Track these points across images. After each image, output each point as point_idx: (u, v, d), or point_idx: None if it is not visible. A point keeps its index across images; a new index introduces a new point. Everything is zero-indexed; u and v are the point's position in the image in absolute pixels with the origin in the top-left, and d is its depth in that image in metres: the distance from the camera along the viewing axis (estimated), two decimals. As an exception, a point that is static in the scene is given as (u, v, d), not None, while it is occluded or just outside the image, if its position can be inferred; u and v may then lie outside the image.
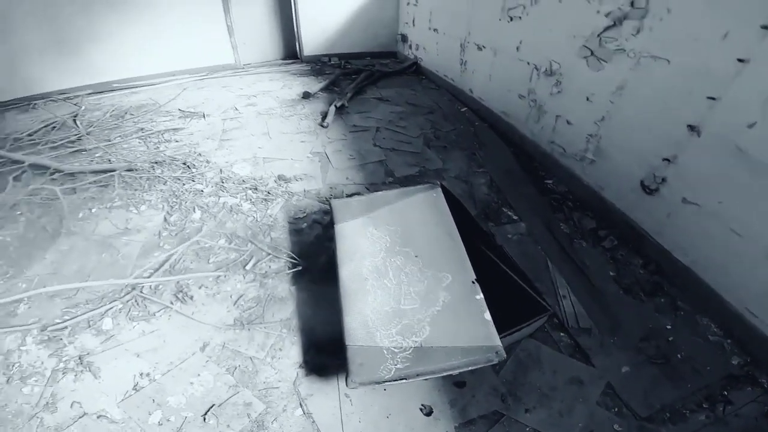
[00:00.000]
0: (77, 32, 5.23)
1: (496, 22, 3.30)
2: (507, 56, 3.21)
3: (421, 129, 3.32)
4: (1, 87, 5.29)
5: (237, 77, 5.43)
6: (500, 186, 2.57)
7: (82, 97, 5.27)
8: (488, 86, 3.58)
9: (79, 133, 3.67)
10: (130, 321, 1.72)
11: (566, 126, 2.58)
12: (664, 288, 1.87)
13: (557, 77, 2.62)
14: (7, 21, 4.95)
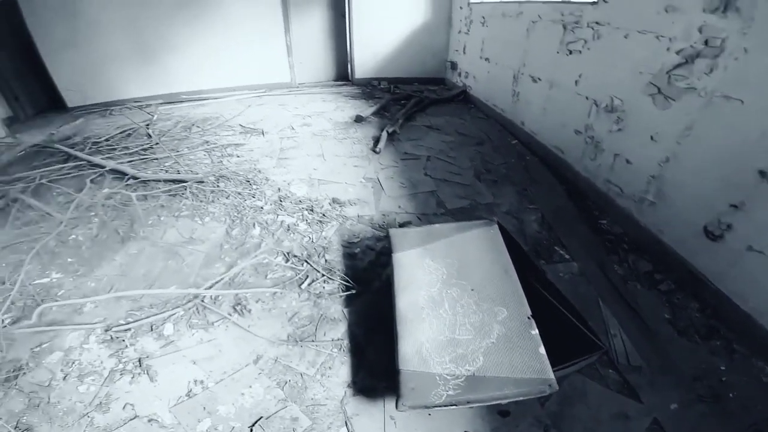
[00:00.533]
0: (155, 42, 5.82)
1: (553, 54, 3.32)
2: (564, 90, 3.22)
3: (471, 161, 3.38)
4: (85, 91, 5.92)
5: (292, 96, 5.76)
6: (552, 224, 2.57)
7: (154, 106, 5.78)
8: (542, 120, 3.59)
9: (152, 142, 3.99)
10: (190, 328, 1.84)
11: (625, 165, 2.55)
12: (721, 331, 1.83)
13: (619, 114, 2.60)
14: (97, 27, 5.62)
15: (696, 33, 1.99)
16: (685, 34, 2.06)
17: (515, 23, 4.04)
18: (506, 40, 4.24)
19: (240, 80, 6.18)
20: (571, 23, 3.10)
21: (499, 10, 4.46)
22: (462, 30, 5.64)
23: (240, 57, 6.00)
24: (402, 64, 6.30)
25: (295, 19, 5.96)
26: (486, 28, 4.81)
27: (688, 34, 2.04)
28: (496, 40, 4.54)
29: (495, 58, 4.57)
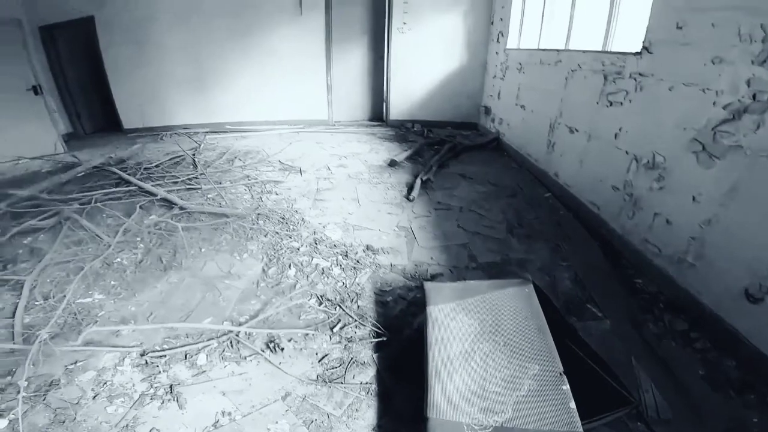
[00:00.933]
0: (207, 70, 6.39)
1: (593, 105, 3.31)
2: (603, 143, 3.19)
3: (503, 213, 3.44)
4: (143, 114, 6.61)
5: (329, 134, 6.07)
6: (585, 282, 2.58)
7: (201, 134, 6.25)
8: (577, 173, 3.57)
9: (197, 173, 4.29)
10: (223, 360, 1.92)
11: (665, 225, 2.51)
12: (756, 386, 1.80)
13: (660, 171, 2.55)
14: (159, 51, 6.26)
15: (744, 86, 1.97)
16: (732, 88, 2.04)
17: (553, 71, 4.08)
18: (543, 88, 4.29)
19: (281, 114, 6.62)
20: (612, 73, 3.09)
21: (536, 57, 4.53)
22: (497, 75, 5.81)
23: (283, 92, 6.47)
24: (436, 107, 6.54)
25: (337, 57, 6.41)
26: (522, 75, 4.92)
27: (736, 87, 2.02)
28: (533, 88, 4.62)
29: (531, 106, 4.65)
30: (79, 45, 6.67)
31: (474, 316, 1.77)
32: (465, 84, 6.45)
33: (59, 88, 6.62)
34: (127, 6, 5.97)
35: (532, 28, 5.18)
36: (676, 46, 2.46)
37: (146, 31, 6.09)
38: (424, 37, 6.20)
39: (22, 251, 2.92)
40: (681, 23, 2.43)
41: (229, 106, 6.58)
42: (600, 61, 3.28)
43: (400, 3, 6.00)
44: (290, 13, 6.02)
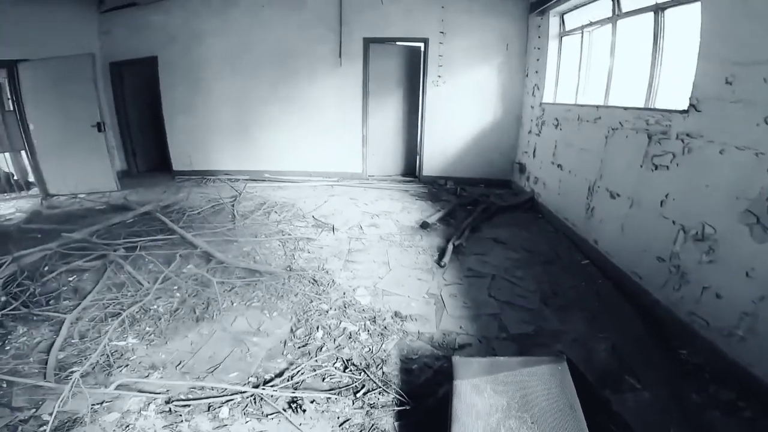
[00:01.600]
0: (251, 117, 6.89)
1: (636, 168, 3.19)
2: (647, 210, 3.06)
3: (538, 282, 3.41)
4: (191, 158, 7.20)
5: (362, 189, 6.31)
6: (623, 353, 2.51)
7: (241, 181, 6.77)
8: (618, 241, 3.45)
9: (235, 224, 4.61)
10: (244, 416, 1.96)
11: (714, 299, 2.38)
12: None
13: (710, 244, 2.42)
14: (209, 95, 6.88)
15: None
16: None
17: (592, 129, 4.01)
18: (582, 147, 4.21)
19: (317, 166, 6.98)
20: (657, 133, 2.97)
21: (574, 112, 4.48)
22: (532, 130, 5.83)
23: (320, 143, 6.87)
24: (469, 163, 6.69)
25: (373, 110, 6.78)
26: (559, 131, 4.87)
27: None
28: (571, 146, 4.53)
29: (568, 166, 4.57)
30: (142, 84, 7.45)
31: (502, 391, 1.76)
32: (499, 139, 6.57)
33: (120, 125, 7.37)
34: (188, 48, 6.69)
35: (568, 81, 5.24)
36: (726, 103, 2.34)
37: (200, 74, 6.76)
38: (458, 90, 6.44)
39: (66, 288, 3.17)
40: (730, 78, 2.31)
41: (268, 155, 7.05)
42: (643, 119, 3.17)
43: (435, 56, 6.35)
44: (330, 63, 6.52)
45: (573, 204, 4.36)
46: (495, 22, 6.14)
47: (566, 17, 5.24)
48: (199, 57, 6.71)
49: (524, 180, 6.06)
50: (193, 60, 6.73)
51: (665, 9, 3.30)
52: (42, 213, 5.30)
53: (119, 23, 6.80)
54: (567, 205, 4.55)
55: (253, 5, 6.41)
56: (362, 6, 6.23)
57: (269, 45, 6.55)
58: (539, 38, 5.71)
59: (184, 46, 6.69)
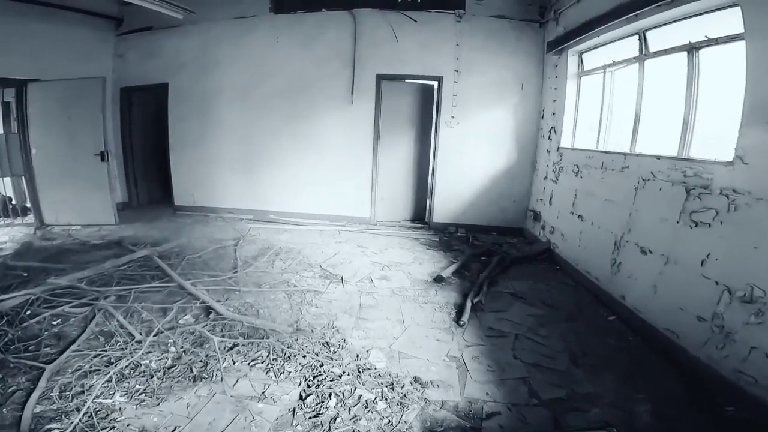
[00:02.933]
0: (259, 154, 6.93)
1: (671, 224, 3.14)
2: (685, 269, 2.99)
3: (564, 341, 3.33)
4: (195, 193, 7.22)
5: (371, 236, 6.26)
6: (665, 414, 2.44)
7: (245, 221, 6.84)
8: (651, 298, 3.37)
9: (238, 270, 4.53)
10: None
11: (764, 358, 2.32)
12: None
13: (760, 306, 2.37)
14: (218, 128, 6.94)
15: None
16: None
17: (619, 179, 3.96)
18: (606, 198, 4.16)
19: (324, 209, 6.97)
20: (696, 187, 2.90)
21: (598, 160, 4.43)
22: (548, 177, 5.79)
23: (328, 184, 6.88)
24: (481, 210, 6.67)
25: (383, 151, 6.81)
26: (580, 180, 4.83)
27: None
28: (593, 196, 4.47)
29: (590, 217, 4.53)
30: (150, 112, 7.57)
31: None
32: (512, 185, 6.57)
33: (125, 154, 7.44)
34: (200, 77, 6.87)
35: (588, 124, 5.19)
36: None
37: (210, 105, 6.91)
38: (472, 131, 6.47)
39: (48, 334, 3.06)
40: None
41: (274, 195, 7.05)
42: (680, 171, 3.11)
43: (449, 95, 6.41)
44: (341, 100, 6.61)
45: (596, 257, 4.32)
46: (510, 60, 6.25)
47: (585, 56, 5.31)
48: (211, 86, 6.87)
49: (539, 229, 6.03)
50: (205, 89, 6.89)
51: (700, 49, 3.33)
52: (33, 245, 5.25)
53: (134, 47, 7.08)
54: (589, 258, 4.51)
55: (268, 35, 6.63)
56: (377, 41, 6.40)
57: (281, 78, 6.70)
58: (556, 78, 5.77)
59: (197, 73, 6.87)
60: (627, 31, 4.17)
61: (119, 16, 7.04)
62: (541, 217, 5.99)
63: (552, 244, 5.50)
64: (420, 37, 6.31)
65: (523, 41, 6.20)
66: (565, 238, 5.16)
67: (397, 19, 6.28)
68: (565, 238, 5.17)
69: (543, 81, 6.26)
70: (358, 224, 6.82)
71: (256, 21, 6.65)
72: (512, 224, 6.66)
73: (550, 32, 5.84)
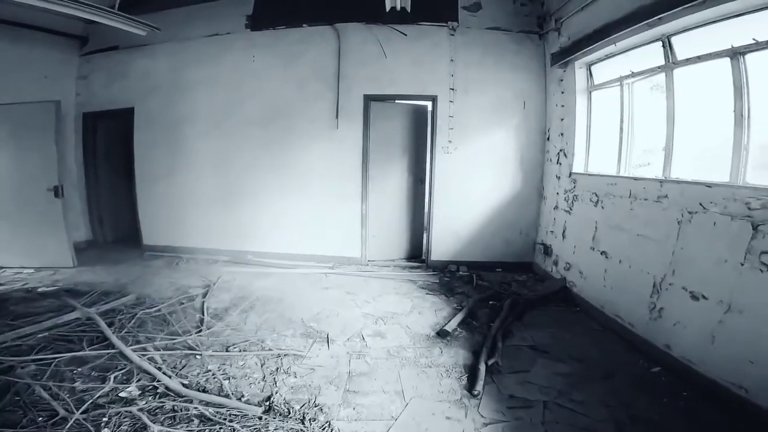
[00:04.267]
0: (235, 190, 6.52)
1: (733, 266, 2.78)
2: (754, 318, 2.64)
3: (605, 405, 2.81)
4: (164, 231, 6.77)
5: (362, 279, 5.75)
6: None
7: (221, 263, 6.32)
8: (707, 349, 2.96)
9: (202, 328, 4.00)
10: None
11: None
12: None
13: None
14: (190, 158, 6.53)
15: None
16: None
17: (655, 210, 3.61)
18: (639, 233, 3.77)
19: (309, 248, 6.49)
20: (767, 222, 2.59)
21: (623, 187, 4.06)
22: (560, 206, 5.45)
23: (313, 221, 6.42)
24: (484, 245, 6.25)
25: (374, 182, 6.37)
26: (600, 210, 4.45)
27: None
28: (620, 230, 4.08)
29: (618, 254, 4.11)
30: (116, 140, 7.19)
31: None
32: (518, 216, 6.19)
33: (88, 187, 7.02)
34: (169, 101, 6.52)
35: (604, 145, 4.85)
36: None
37: (180, 132, 6.54)
38: (472, 157, 6.10)
39: None
40: None
41: (253, 233, 6.58)
42: (741, 202, 2.76)
43: (445, 116, 6.03)
44: (326, 125, 6.20)
45: (629, 300, 3.91)
46: (510, 76, 5.97)
47: (595, 68, 5.02)
48: (181, 112, 6.51)
49: (550, 264, 5.64)
50: (174, 115, 6.53)
51: (745, 54, 2.98)
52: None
53: (99, 68, 6.78)
54: (619, 301, 4.09)
55: (244, 55, 6.30)
56: (364, 58, 6.06)
57: (259, 102, 6.33)
58: (563, 94, 5.48)
59: (166, 97, 6.53)
60: (646, 37, 3.88)
61: (84, 34, 6.80)
62: (553, 251, 5.62)
63: (568, 282, 5.09)
64: (411, 53, 6.01)
65: (523, 55, 5.95)
66: (585, 277, 4.76)
67: (386, 34, 5.99)
68: (585, 276, 4.76)
69: (546, 98, 5.98)
70: (348, 265, 6.33)
71: (231, 39, 6.36)
72: (519, 258, 6.23)
73: (552, 44, 5.62)
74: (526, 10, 5.91)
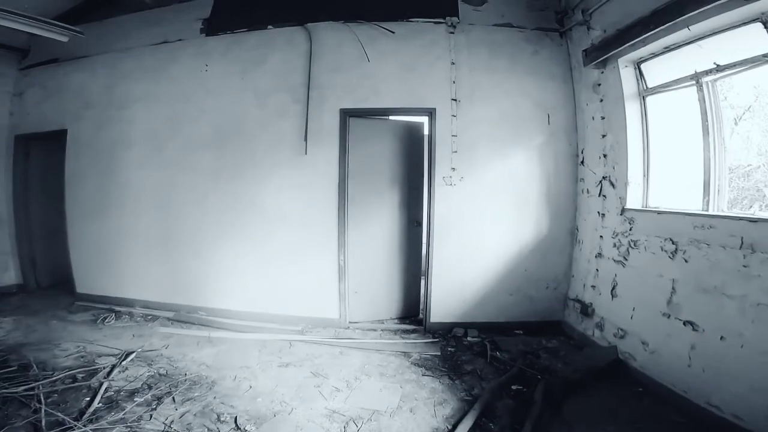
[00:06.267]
0: (178, 232, 5.73)
1: None
2: None
3: None
4: (97, 278, 6.05)
5: (337, 350, 4.66)
6: None
7: (161, 320, 5.50)
8: None
9: (76, 424, 2.93)
10: None
11: None
12: None
13: None
14: (127, 192, 5.84)
15: None
16: None
17: None
18: (760, 302, 2.83)
19: (273, 307, 5.53)
20: None
21: (727, 232, 3.09)
22: (605, 253, 4.55)
23: (279, 273, 5.49)
24: (500, 302, 5.27)
25: (354, 226, 5.40)
26: (682, 264, 3.49)
27: None
28: (721, 295, 3.12)
29: (716, 327, 3.14)
30: (51, 167, 6.44)
31: None
32: (543, 264, 5.25)
33: (18, 223, 6.47)
34: (105, 121, 5.91)
35: (673, 170, 4.07)
36: None
37: (115, 159, 5.90)
38: (482, 189, 5.21)
39: None
40: None
41: (205, 286, 5.70)
42: None
43: (447, 136, 5.16)
44: (291, 149, 5.29)
45: (733, 387, 2.98)
46: (527, 83, 5.20)
47: (646, 66, 4.18)
48: (117, 135, 5.86)
49: (591, 327, 4.69)
50: (110, 138, 5.89)
51: None
52: None
53: (35, 83, 6.32)
54: (718, 386, 3.10)
55: (195, 64, 5.67)
56: (340, 63, 5.27)
57: (209, 121, 5.56)
58: (601, 102, 4.66)
59: (101, 118, 5.93)
60: (733, 18, 3.05)
61: (26, 46, 6.39)
62: (594, 312, 4.69)
63: (621, 353, 4.12)
64: (400, 55, 5.21)
65: (542, 57, 5.21)
66: (654, 350, 3.76)
67: (369, 33, 5.20)
68: (653, 349, 3.76)
69: (576, 110, 5.19)
70: (323, 329, 5.24)
71: (180, 47, 5.70)
72: (545, 317, 5.29)
73: (579, 41, 4.91)
74: (541, 4, 5.24)
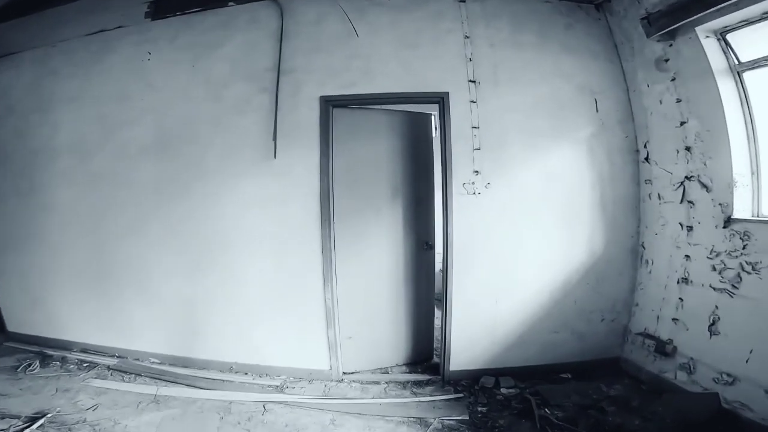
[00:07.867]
0: (117, 260, 5.07)
1: None
2: None
3: None
4: (28, 317, 5.46)
5: (326, 417, 3.79)
6: None
7: (99, 368, 4.82)
8: None
9: None
10: None
11: None
12: None
13: None
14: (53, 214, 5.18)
15: None
16: None
17: None
18: None
19: (248, 355, 4.83)
20: None
21: None
22: (695, 279, 3.88)
23: (247, 317, 4.76)
24: (541, 341, 4.57)
25: (345, 251, 4.59)
26: None
27: None
28: None
29: None
30: None
31: None
32: (596, 291, 4.54)
33: None
34: (25, 128, 5.22)
35: None
36: None
37: (37, 176, 5.23)
38: (514, 198, 4.48)
39: None
40: None
41: (146, 328, 5.01)
42: None
43: (465, 129, 4.38)
44: (256, 153, 4.47)
45: None
46: (564, 62, 4.54)
47: (733, 37, 3.57)
48: (40, 144, 5.16)
49: (672, 368, 4.02)
50: (31, 149, 5.21)
51: None
52: None
53: None
54: None
55: (135, 54, 4.92)
56: (321, 41, 4.52)
57: (151, 122, 4.80)
58: (672, 81, 3.98)
59: (22, 124, 5.24)
60: None
61: None
62: (677, 351, 4.05)
63: (728, 402, 3.45)
64: (398, 28, 4.48)
65: (577, 32, 4.58)
66: None
67: (356, 4, 4.48)
68: None
69: (631, 93, 4.55)
70: (309, 382, 4.42)
71: (118, 35, 4.94)
72: (598, 355, 4.60)
73: (625, 11, 4.32)
74: (569, -31, 4.62)
